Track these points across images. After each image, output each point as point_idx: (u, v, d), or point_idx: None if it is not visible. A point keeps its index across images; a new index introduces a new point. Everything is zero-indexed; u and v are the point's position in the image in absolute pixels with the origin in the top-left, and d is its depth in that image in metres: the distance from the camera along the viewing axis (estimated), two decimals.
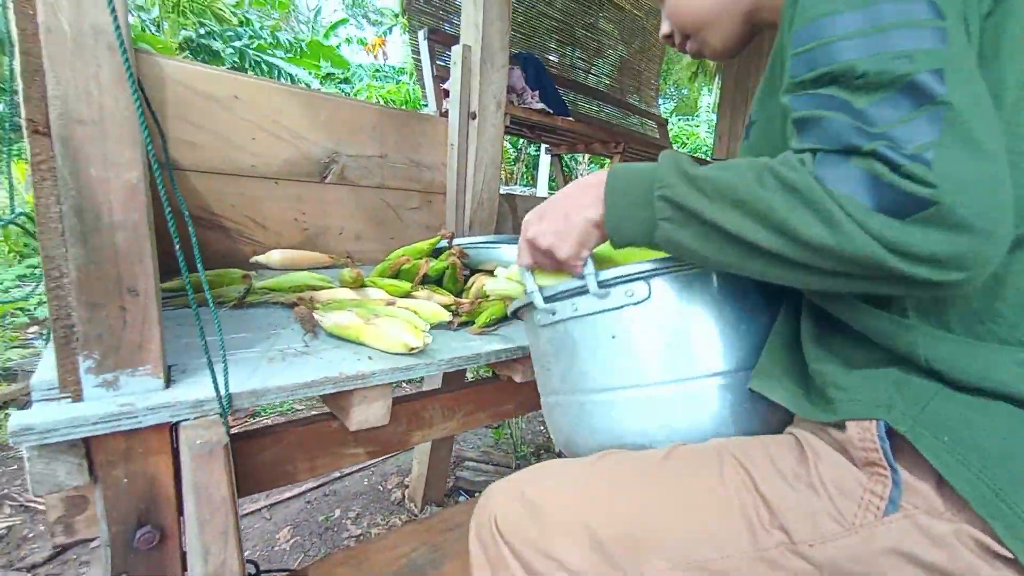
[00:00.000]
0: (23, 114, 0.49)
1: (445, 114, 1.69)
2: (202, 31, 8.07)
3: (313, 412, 2.48)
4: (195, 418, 0.61)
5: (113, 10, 0.47)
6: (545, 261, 0.62)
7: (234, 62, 8.17)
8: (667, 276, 0.58)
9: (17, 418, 0.51)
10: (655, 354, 0.59)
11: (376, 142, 1.57)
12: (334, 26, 11.79)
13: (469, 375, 2.20)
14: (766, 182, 0.44)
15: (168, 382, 0.62)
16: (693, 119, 14.52)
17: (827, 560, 0.45)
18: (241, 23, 8.46)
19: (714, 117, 4.92)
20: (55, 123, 0.49)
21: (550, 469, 0.62)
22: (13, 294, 3.74)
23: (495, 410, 1.05)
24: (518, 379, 0.98)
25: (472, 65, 1.57)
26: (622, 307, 0.59)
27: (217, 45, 8.02)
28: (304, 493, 2.00)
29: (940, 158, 0.37)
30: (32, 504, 1.92)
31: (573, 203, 0.58)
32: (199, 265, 0.61)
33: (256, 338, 0.86)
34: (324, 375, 0.71)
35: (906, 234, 0.39)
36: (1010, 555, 0.40)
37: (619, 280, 0.59)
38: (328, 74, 10.02)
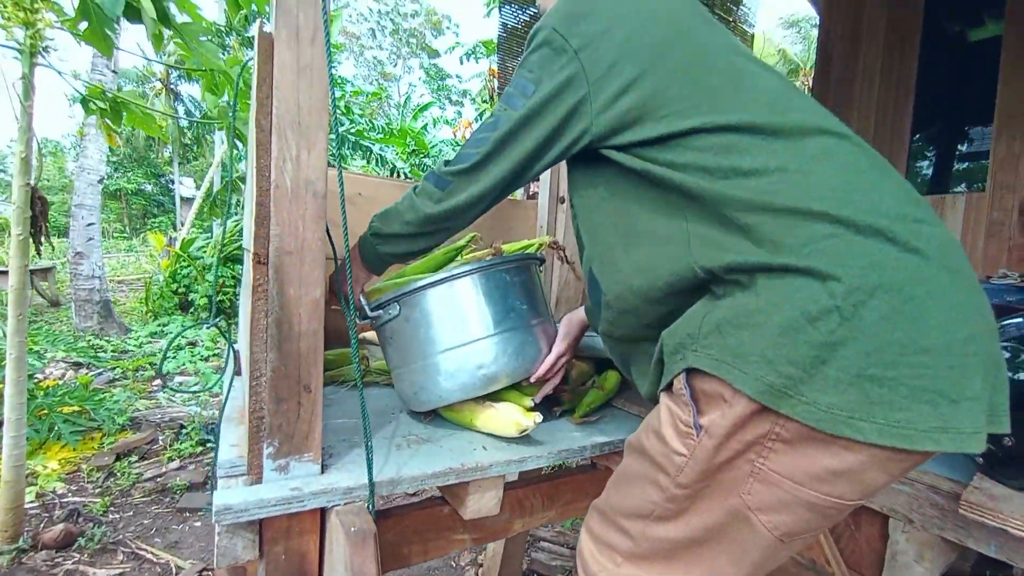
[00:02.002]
0: (251, 247, 0.63)
1: (533, 197, 1.81)
2: None
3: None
4: (344, 503, 0.68)
5: (340, 173, 0.61)
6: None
7: (340, 140, 9.28)
8: (406, 296, 0.91)
9: (219, 498, 0.60)
10: (414, 344, 0.93)
11: (472, 226, 1.71)
12: (422, 108, 13.05)
13: None
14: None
15: (323, 468, 0.71)
16: None
17: (690, 480, 0.62)
18: (344, 112, 9.61)
19: None
20: (272, 255, 0.62)
21: None
22: (145, 349, 4.25)
23: (593, 500, 1.05)
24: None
25: None
26: (389, 320, 0.93)
27: None
28: None
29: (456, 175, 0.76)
30: (142, 552, 2.08)
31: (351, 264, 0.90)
32: (354, 349, 0.70)
33: (379, 422, 0.94)
34: (448, 466, 0.77)
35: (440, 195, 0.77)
36: (752, 401, 0.56)
37: (380, 304, 0.93)
38: (412, 151, 11.06)
